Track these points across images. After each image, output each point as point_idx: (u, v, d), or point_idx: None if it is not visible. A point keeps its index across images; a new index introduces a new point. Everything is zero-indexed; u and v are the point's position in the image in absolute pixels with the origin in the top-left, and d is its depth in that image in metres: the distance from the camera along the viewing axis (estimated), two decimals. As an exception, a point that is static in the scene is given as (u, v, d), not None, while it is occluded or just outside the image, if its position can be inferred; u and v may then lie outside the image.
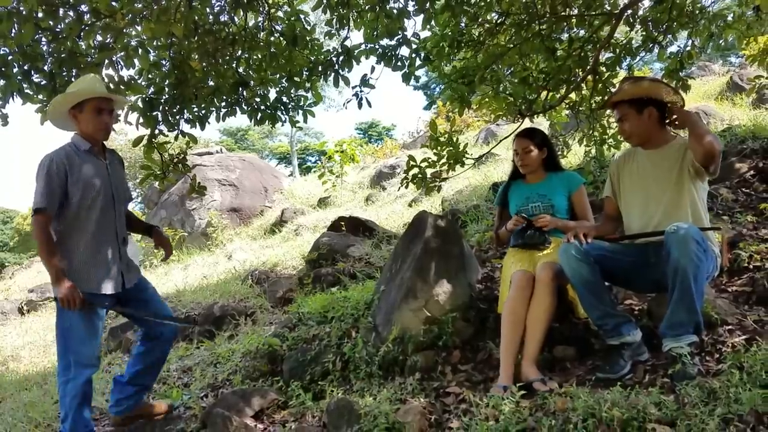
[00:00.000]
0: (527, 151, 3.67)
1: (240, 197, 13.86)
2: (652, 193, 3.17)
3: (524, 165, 3.70)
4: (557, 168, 3.77)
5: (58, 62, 4.40)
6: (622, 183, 3.38)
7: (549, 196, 3.61)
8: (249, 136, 40.60)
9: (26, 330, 8.68)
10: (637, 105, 3.14)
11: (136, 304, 3.46)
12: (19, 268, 21.36)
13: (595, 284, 3.03)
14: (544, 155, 3.72)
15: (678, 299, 2.73)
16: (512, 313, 3.25)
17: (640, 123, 3.16)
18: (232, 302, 6.39)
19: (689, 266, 2.67)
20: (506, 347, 3.18)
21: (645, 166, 3.24)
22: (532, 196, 3.66)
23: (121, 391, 3.55)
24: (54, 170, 3.15)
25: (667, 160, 3.14)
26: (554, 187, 3.65)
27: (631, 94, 3.14)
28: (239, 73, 5.10)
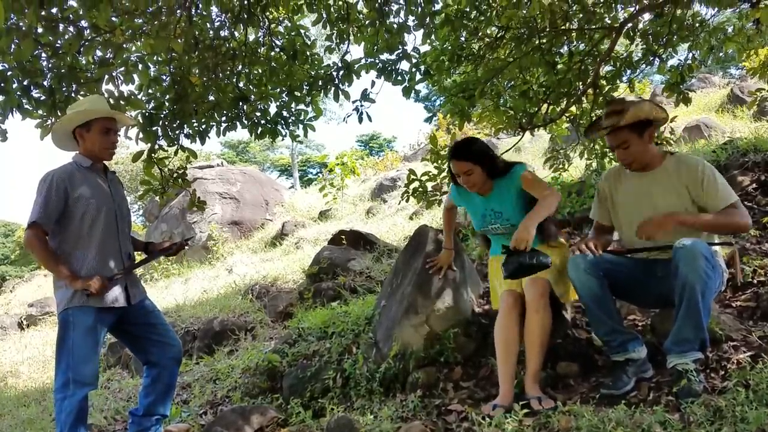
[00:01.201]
0: (469, 174, 3.32)
1: (241, 210, 13.85)
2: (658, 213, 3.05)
3: (472, 187, 3.39)
4: (501, 173, 3.37)
5: (57, 78, 4.40)
6: (617, 205, 3.28)
7: (504, 213, 3.37)
8: (250, 148, 40.67)
9: (25, 345, 8.65)
10: (639, 129, 3.02)
11: (137, 325, 3.42)
12: (20, 282, 21.31)
13: (605, 299, 2.98)
14: (486, 168, 3.34)
15: (685, 316, 2.69)
16: (503, 334, 3.21)
17: (642, 147, 3.05)
18: (232, 317, 6.36)
19: (698, 283, 2.63)
20: (501, 368, 3.15)
21: (643, 188, 3.13)
22: (487, 214, 3.43)
23: (140, 424, 3.43)
24: (54, 187, 3.15)
25: (666, 182, 3.05)
26: (504, 197, 3.37)
27: (634, 117, 3.00)
28: (239, 88, 5.10)
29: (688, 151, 6.59)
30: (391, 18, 5.06)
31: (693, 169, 2.98)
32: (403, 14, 5.05)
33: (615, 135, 3.06)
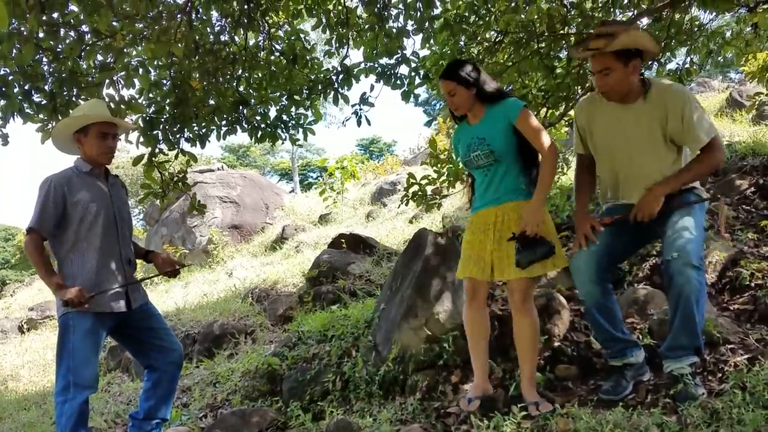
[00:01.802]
0: (452, 94, 3.13)
1: (241, 214, 13.86)
2: (633, 154, 2.92)
3: (455, 108, 3.21)
4: (495, 99, 3.14)
5: (58, 82, 4.42)
6: (594, 138, 3.08)
7: (487, 139, 3.08)
8: (251, 152, 40.69)
9: (26, 349, 8.65)
10: (625, 57, 2.79)
11: (138, 329, 3.42)
12: (20, 286, 21.32)
13: (607, 307, 2.95)
14: (473, 91, 3.11)
15: (680, 325, 2.70)
16: (469, 327, 3.23)
17: (625, 77, 2.82)
18: (232, 320, 6.38)
19: (692, 292, 2.64)
20: (473, 361, 3.19)
21: (620, 122, 2.95)
22: (472, 142, 3.15)
23: (141, 428, 3.43)
24: (51, 192, 3.16)
25: (643, 116, 2.89)
26: (493, 125, 3.11)
27: (622, 44, 2.76)
28: (239, 92, 5.12)
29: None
30: (390, 22, 5.09)
31: (674, 100, 2.83)
32: (402, 19, 5.08)
33: (599, 59, 2.83)
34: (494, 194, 3.12)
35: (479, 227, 3.16)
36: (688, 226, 2.73)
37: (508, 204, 3.08)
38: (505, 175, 3.10)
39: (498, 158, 3.06)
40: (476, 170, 3.20)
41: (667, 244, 2.76)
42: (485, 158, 3.09)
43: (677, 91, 2.86)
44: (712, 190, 5.16)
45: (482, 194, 3.19)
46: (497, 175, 3.11)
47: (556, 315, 3.57)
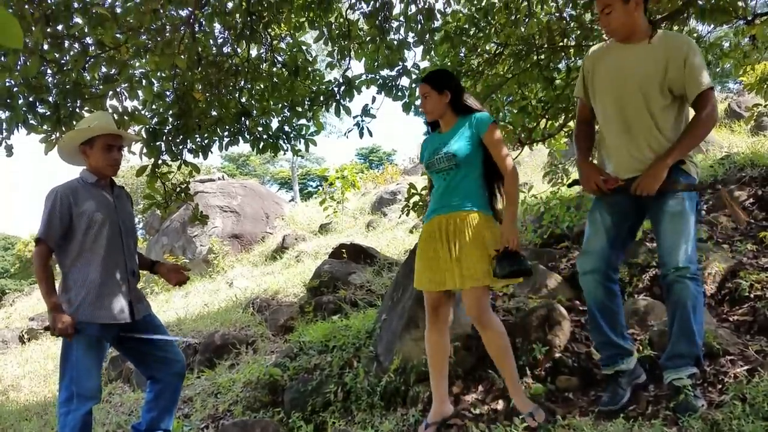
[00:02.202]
0: (425, 96, 3.19)
1: (241, 224, 13.90)
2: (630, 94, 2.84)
3: (426, 112, 3.24)
4: (467, 110, 3.19)
5: (62, 93, 4.46)
6: (595, 79, 3.02)
7: (451, 144, 3.10)
8: (251, 161, 40.76)
9: (27, 359, 8.64)
10: None
11: (140, 341, 3.42)
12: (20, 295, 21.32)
13: (612, 310, 2.95)
14: (447, 99, 3.17)
15: (678, 333, 2.73)
16: (428, 347, 3.23)
17: (626, 15, 2.77)
18: (233, 331, 6.38)
19: (688, 300, 2.67)
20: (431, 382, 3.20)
21: (622, 60, 2.89)
22: (439, 146, 3.17)
23: None
24: (58, 203, 3.18)
25: (646, 55, 2.82)
26: (460, 132, 3.14)
27: None
28: (242, 104, 5.16)
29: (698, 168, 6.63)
30: (391, 35, 5.14)
31: (678, 45, 2.78)
32: (403, 31, 5.15)
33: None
34: (449, 199, 3.10)
35: (432, 235, 3.14)
36: (681, 229, 2.73)
37: (462, 212, 3.06)
38: (463, 180, 3.10)
39: (458, 163, 3.07)
40: (436, 174, 3.20)
41: (663, 252, 2.78)
42: (446, 162, 3.10)
43: (683, 38, 2.87)
44: (712, 201, 5.18)
45: (438, 199, 3.18)
46: (455, 179, 3.10)
47: (557, 326, 3.58)
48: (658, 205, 2.82)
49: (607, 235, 2.94)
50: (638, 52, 2.84)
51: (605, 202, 2.98)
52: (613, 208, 2.95)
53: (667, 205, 2.80)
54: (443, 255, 3.06)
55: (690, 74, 2.75)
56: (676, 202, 2.78)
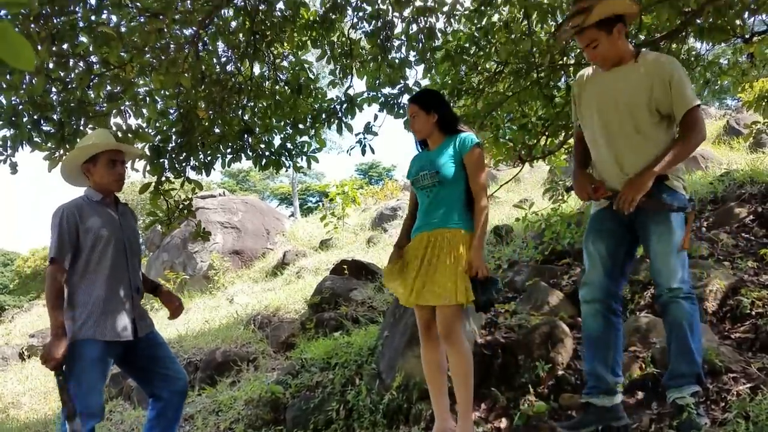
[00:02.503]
0: (413, 116, 3.27)
1: (242, 240, 13.91)
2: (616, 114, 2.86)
3: (415, 131, 3.33)
4: (454, 131, 3.27)
5: (67, 112, 4.50)
6: (582, 101, 3.05)
7: (436, 163, 3.18)
8: (250, 177, 40.86)
9: (27, 376, 8.61)
10: (607, 25, 2.77)
11: (144, 358, 3.43)
12: (19, 311, 21.24)
13: (605, 343, 2.93)
14: (434, 119, 3.24)
15: (677, 353, 2.75)
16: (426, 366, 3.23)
17: (612, 44, 2.80)
18: (234, 347, 6.37)
19: (684, 320, 2.69)
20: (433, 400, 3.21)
21: (608, 82, 2.90)
22: (425, 164, 3.24)
23: None
24: (65, 222, 3.20)
25: (633, 77, 2.83)
26: (445, 151, 3.21)
27: (600, 15, 2.75)
28: (245, 121, 5.20)
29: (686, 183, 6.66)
30: (392, 53, 5.19)
31: (662, 66, 2.79)
32: (404, 50, 5.20)
33: (583, 35, 2.83)
34: (432, 216, 3.16)
35: (416, 253, 3.17)
36: (671, 249, 2.74)
37: (444, 229, 3.11)
38: (445, 198, 3.16)
39: (441, 180, 3.14)
40: (420, 191, 3.26)
41: (655, 274, 2.81)
42: (430, 179, 3.16)
43: (667, 58, 2.88)
44: (712, 218, 5.21)
45: (422, 216, 3.24)
46: (437, 197, 3.17)
47: (560, 343, 3.59)
48: (645, 225, 2.83)
49: (604, 267, 2.94)
50: (623, 75, 2.86)
51: (596, 231, 3.00)
52: (605, 236, 2.96)
53: (653, 224, 2.80)
54: (417, 271, 3.10)
55: (676, 93, 2.76)
56: (663, 220, 2.78)
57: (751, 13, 5.07)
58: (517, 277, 4.89)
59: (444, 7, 5.04)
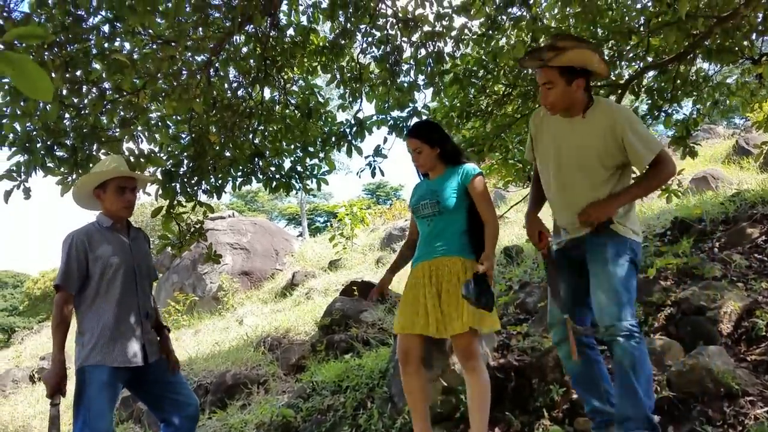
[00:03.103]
0: (418, 151, 3.32)
1: (251, 260, 13.94)
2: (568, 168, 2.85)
3: (419, 165, 3.40)
4: (456, 161, 3.36)
5: (80, 137, 4.54)
6: (538, 147, 3.06)
7: (438, 193, 3.25)
8: (259, 198, 41.07)
9: (37, 399, 8.61)
10: (570, 75, 2.73)
11: (154, 383, 3.42)
12: (29, 333, 21.34)
13: (589, 378, 2.92)
14: (437, 151, 3.32)
15: (622, 394, 2.67)
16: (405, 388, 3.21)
17: (566, 93, 2.76)
18: (245, 370, 6.36)
19: (624, 360, 2.62)
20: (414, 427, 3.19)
21: (562, 133, 2.88)
22: (426, 193, 3.32)
23: None
24: (74, 249, 3.22)
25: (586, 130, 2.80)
26: (447, 182, 3.29)
27: (568, 61, 2.71)
28: (255, 145, 5.24)
29: (696, 203, 6.64)
30: (401, 77, 5.23)
31: (615, 119, 2.73)
32: (413, 73, 5.23)
33: (545, 72, 2.78)
34: (432, 247, 3.22)
35: (417, 281, 3.22)
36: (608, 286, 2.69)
37: (445, 258, 3.16)
38: (446, 228, 3.22)
39: (442, 210, 3.20)
40: (421, 220, 3.31)
41: (595, 309, 2.75)
42: (431, 208, 3.23)
43: (620, 109, 2.85)
44: (724, 239, 5.18)
45: (422, 245, 3.30)
46: (438, 226, 3.23)
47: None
48: (588, 261, 2.82)
49: (565, 306, 2.91)
50: (577, 126, 2.84)
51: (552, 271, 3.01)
52: (564, 275, 2.98)
53: (593, 260, 2.79)
54: (428, 301, 3.12)
55: (632, 152, 2.72)
56: (601, 255, 2.75)
57: (759, 34, 5.10)
58: (529, 299, 4.88)
59: (452, 32, 5.08)
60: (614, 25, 5.07)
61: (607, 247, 2.75)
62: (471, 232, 3.22)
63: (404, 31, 5.08)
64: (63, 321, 3.16)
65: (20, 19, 3.95)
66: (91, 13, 4.25)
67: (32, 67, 1.41)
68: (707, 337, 3.69)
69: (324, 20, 5.48)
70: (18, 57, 1.40)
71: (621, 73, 5.55)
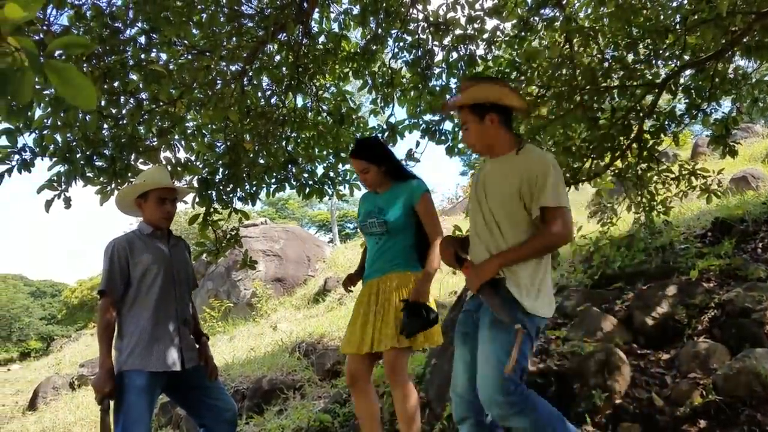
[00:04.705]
0: (365, 172, 3.36)
1: (284, 267, 14.03)
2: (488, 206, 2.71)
3: (368, 185, 3.45)
4: (402, 177, 3.40)
5: (118, 147, 4.62)
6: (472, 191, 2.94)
7: (385, 211, 3.29)
8: (289, 205, 41.36)
9: (78, 405, 8.77)
10: (479, 111, 2.68)
11: (192, 388, 3.45)
12: (67, 341, 21.79)
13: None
14: (384, 168, 3.37)
15: None
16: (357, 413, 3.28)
17: (482, 131, 2.69)
18: (281, 375, 6.39)
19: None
20: None
21: (487, 174, 2.77)
22: (372, 210, 3.37)
23: None
24: (116, 255, 3.28)
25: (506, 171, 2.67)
26: (394, 200, 3.33)
27: (469, 99, 2.69)
28: (289, 152, 5.28)
29: (737, 203, 6.48)
30: (433, 81, 5.22)
31: (535, 163, 2.59)
32: (445, 77, 5.21)
33: (461, 114, 2.75)
34: (380, 264, 3.29)
35: (362, 300, 3.32)
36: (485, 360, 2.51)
37: (391, 274, 3.25)
38: (394, 246, 3.28)
39: (390, 230, 3.26)
40: (369, 237, 3.39)
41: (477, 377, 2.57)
42: (378, 227, 3.29)
43: (543, 156, 2.67)
44: (767, 239, 5.05)
45: (371, 263, 3.37)
46: (386, 244, 3.29)
47: (617, 371, 3.49)
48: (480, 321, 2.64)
49: (467, 374, 2.69)
50: (498, 167, 2.72)
51: (460, 334, 2.80)
52: (467, 339, 2.74)
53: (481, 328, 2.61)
54: (368, 318, 3.22)
55: (539, 188, 2.55)
56: (487, 325, 2.57)
57: (801, 29, 4.96)
58: (567, 302, 4.80)
59: (484, 35, 5.06)
60: (649, 23, 4.99)
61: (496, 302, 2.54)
62: (419, 245, 3.30)
63: (436, 35, 5.08)
64: (108, 326, 3.21)
65: (60, 31, 4.04)
66: (127, 25, 4.33)
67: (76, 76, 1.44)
68: (753, 339, 3.60)
69: (355, 27, 5.50)
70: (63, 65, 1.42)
71: (657, 72, 5.45)
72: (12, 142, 4.15)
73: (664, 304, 4.18)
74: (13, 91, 1.38)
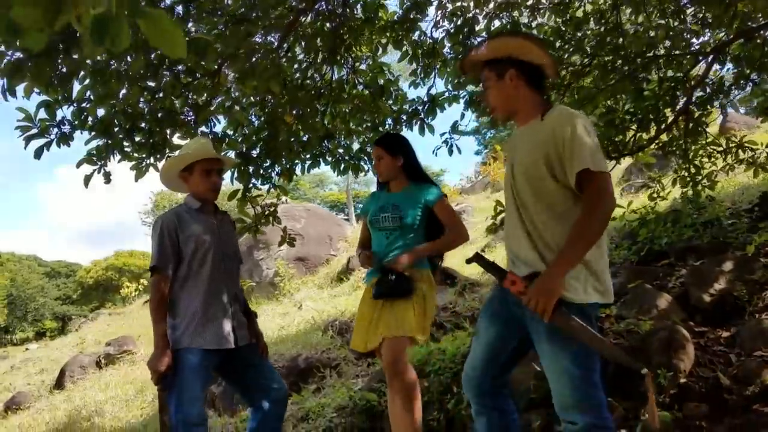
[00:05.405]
0: (379, 158, 3.40)
1: (306, 246, 13.98)
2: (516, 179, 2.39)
3: (378, 173, 3.47)
4: (419, 178, 3.41)
5: (156, 121, 4.51)
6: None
7: (401, 208, 3.30)
8: (300, 185, 41.34)
9: (106, 384, 8.77)
10: (498, 68, 2.38)
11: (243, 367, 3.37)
12: (84, 321, 21.95)
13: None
14: (399, 162, 3.36)
15: None
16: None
17: (503, 91, 2.38)
18: (315, 354, 6.32)
19: None
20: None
21: (514, 144, 2.48)
22: (386, 206, 3.35)
23: None
24: (165, 230, 3.19)
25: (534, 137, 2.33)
26: (410, 199, 3.33)
27: (488, 54, 2.40)
28: (326, 126, 5.15)
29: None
30: (476, 51, 5.06)
31: (560, 122, 2.23)
32: (487, 46, 5.04)
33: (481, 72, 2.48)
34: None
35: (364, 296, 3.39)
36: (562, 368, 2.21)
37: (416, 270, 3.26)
38: (404, 243, 3.30)
39: (403, 226, 3.29)
40: (379, 232, 3.38)
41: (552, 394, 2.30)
42: (392, 222, 3.31)
43: (571, 113, 2.29)
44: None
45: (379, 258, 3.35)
46: (398, 241, 3.30)
47: (681, 349, 3.38)
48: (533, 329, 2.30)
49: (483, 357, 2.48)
50: (525, 134, 2.40)
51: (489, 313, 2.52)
52: (495, 321, 2.47)
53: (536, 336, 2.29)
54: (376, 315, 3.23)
55: (568, 150, 2.19)
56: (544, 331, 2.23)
57: None
58: (615, 280, 4.68)
59: (528, 1, 4.90)
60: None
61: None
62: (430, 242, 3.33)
63: (477, 2, 4.91)
64: (161, 303, 3.12)
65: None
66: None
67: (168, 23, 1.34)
68: (821, 316, 3.47)
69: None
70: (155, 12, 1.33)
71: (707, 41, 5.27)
72: (51, 115, 4.06)
73: (722, 280, 4.06)
74: (110, 38, 1.28)
